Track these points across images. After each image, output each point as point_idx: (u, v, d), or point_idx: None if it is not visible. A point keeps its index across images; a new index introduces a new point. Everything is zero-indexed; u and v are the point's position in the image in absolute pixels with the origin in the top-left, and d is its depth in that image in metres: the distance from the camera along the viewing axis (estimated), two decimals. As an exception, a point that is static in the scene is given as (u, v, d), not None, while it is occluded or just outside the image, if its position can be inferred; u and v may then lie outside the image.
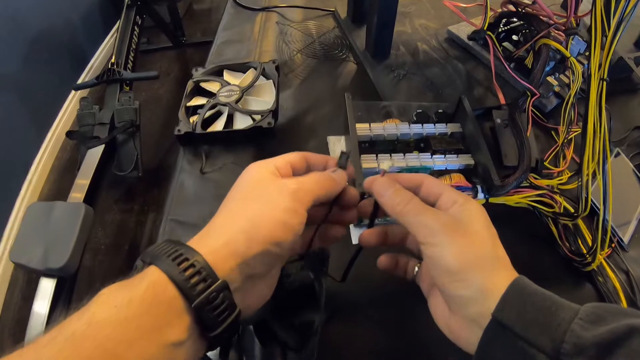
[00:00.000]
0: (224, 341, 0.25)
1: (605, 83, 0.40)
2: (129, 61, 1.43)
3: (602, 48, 0.39)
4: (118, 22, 1.52)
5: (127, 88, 1.35)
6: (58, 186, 1.54)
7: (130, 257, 1.31)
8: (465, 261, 0.28)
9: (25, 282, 1.29)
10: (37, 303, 0.85)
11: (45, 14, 1.65)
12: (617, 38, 0.39)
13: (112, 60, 1.38)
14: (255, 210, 0.27)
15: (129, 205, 1.45)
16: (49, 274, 0.84)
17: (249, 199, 0.28)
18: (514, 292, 0.26)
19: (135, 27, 1.53)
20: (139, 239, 1.36)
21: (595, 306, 0.25)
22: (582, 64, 0.56)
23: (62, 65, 1.75)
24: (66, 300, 0.90)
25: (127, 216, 1.42)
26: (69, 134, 1.29)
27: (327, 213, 0.33)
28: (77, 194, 1.06)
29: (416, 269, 0.35)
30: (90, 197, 1.07)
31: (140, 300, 0.22)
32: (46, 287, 0.85)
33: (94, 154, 1.15)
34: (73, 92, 1.77)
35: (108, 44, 2.05)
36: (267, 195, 0.28)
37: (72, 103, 1.75)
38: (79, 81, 1.81)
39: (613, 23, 0.39)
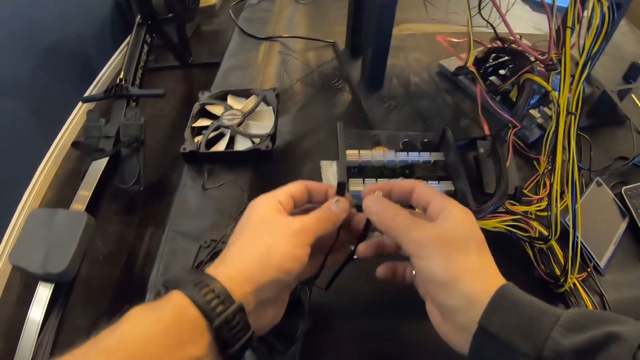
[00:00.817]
0: (239, 358, 0.28)
1: (573, 117, 0.42)
2: (137, 78, 1.46)
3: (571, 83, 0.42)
4: (128, 38, 1.55)
5: (134, 104, 1.38)
6: (60, 195, 1.55)
7: (127, 268, 1.32)
8: (452, 272, 0.29)
9: (22, 285, 1.29)
10: (33, 309, 0.85)
11: (60, 26, 1.69)
12: (584, 74, 0.41)
13: (121, 76, 1.41)
14: (266, 243, 0.30)
15: (129, 217, 1.47)
16: (47, 278, 0.85)
17: (258, 233, 0.31)
18: (500, 300, 0.27)
19: (145, 45, 1.57)
20: (137, 251, 1.37)
21: (577, 313, 0.26)
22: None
23: (72, 76, 1.78)
24: (61, 307, 0.90)
25: (127, 228, 1.44)
26: (74, 144, 1.32)
27: (335, 240, 0.36)
28: (79, 204, 1.07)
29: (414, 272, 0.36)
30: (92, 208, 1.09)
31: (166, 320, 0.25)
32: (43, 293, 0.86)
33: (98, 166, 1.17)
34: (80, 103, 1.79)
35: (117, 59, 2.08)
36: (275, 231, 0.31)
37: (78, 114, 1.77)
38: (87, 93, 1.84)
39: (581, 61, 0.41)
